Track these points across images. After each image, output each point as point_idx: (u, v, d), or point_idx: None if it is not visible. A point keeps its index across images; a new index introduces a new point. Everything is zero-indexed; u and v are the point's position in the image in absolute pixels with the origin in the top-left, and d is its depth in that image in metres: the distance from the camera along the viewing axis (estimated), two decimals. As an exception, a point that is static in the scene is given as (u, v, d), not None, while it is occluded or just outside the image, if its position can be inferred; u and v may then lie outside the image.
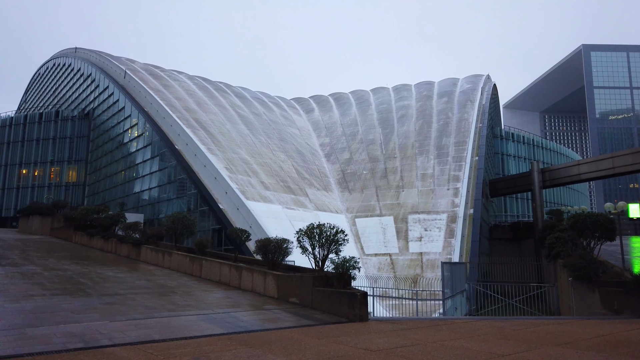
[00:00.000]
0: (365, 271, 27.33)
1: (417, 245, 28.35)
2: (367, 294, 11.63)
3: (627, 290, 13.47)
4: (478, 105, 49.05)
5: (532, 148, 65.95)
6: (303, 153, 42.61)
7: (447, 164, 37.01)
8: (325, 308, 11.84)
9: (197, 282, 15.65)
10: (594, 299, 14.61)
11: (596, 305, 14.52)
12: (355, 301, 11.10)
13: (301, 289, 12.78)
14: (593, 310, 14.64)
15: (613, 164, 31.13)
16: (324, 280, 12.60)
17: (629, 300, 13.44)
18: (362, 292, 11.43)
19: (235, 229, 18.67)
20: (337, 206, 34.16)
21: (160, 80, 47.98)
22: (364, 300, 11.21)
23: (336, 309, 11.57)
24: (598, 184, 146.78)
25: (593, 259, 15.14)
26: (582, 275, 14.87)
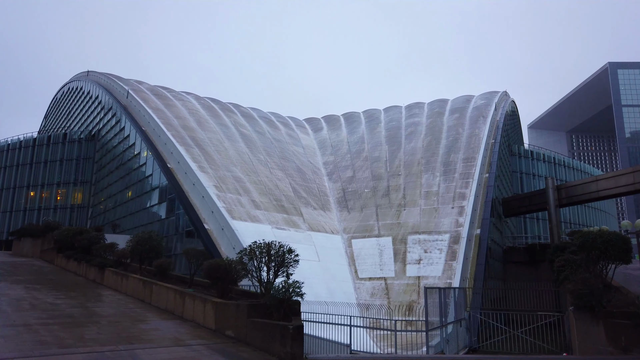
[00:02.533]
0: (357, 297, 25.08)
1: (415, 269, 25.96)
2: (301, 328, 9.57)
3: (636, 323, 11.01)
4: (491, 120, 46.61)
5: (553, 166, 62.59)
6: (304, 171, 40.90)
7: (453, 181, 34.63)
8: (259, 344, 9.85)
9: (140, 310, 13.89)
10: (598, 332, 12.14)
11: (601, 341, 12.03)
12: (286, 336, 9.07)
13: (237, 319, 10.82)
14: (597, 347, 12.14)
15: (634, 179, 28.21)
16: (263, 309, 10.62)
17: (638, 336, 10.96)
18: (296, 325, 9.40)
19: (188, 250, 16.86)
20: (333, 226, 32.10)
21: (163, 100, 47.45)
22: (298, 335, 9.18)
23: (268, 345, 9.57)
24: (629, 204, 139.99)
25: (597, 284, 12.69)
26: (584, 304, 12.45)
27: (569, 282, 14.38)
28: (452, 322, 19.82)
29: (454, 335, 19.78)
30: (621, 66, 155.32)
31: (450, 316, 21.38)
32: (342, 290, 24.95)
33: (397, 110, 63.28)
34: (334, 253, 28.40)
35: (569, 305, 13.54)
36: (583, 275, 13.57)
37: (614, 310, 11.96)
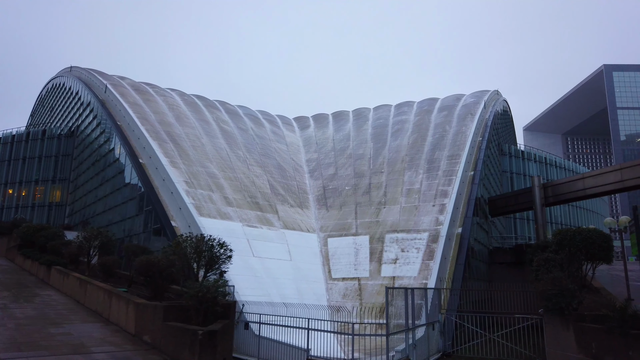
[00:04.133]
0: (328, 298, 23.76)
1: (391, 269, 24.67)
2: (215, 333, 8.27)
3: (608, 328, 9.73)
4: (479, 118, 45.38)
5: (544, 166, 61.49)
6: (284, 168, 39.59)
7: (436, 178, 33.39)
8: (172, 351, 8.53)
9: (67, 312, 12.56)
10: (568, 338, 10.86)
11: (571, 347, 10.75)
12: (195, 343, 7.76)
13: (154, 323, 9.50)
14: (567, 354, 10.86)
15: (622, 177, 27.02)
16: (183, 312, 9.28)
17: (610, 342, 9.67)
18: (209, 330, 8.09)
19: (128, 245, 15.52)
20: (310, 224, 30.79)
21: (143, 95, 46.09)
22: (209, 341, 7.89)
23: (180, 353, 8.25)
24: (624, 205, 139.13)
25: (567, 284, 11.42)
26: (553, 306, 11.18)
27: (539, 282, 13.13)
28: (422, 325, 18.52)
29: (425, 339, 18.47)
30: (616, 68, 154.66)
31: (423, 319, 20.11)
32: (312, 291, 23.65)
33: (386, 108, 62.04)
34: (308, 252, 27.10)
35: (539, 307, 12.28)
36: (554, 274, 12.30)
37: (585, 313, 10.69)
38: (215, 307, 9.19)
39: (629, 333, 9.07)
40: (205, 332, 7.88)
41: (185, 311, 9.16)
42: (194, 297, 9.04)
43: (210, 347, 7.83)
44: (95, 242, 17.62)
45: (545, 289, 11.42)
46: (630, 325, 9.22)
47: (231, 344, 9.57)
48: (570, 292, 10.94)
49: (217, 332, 8.18)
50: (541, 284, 12.09)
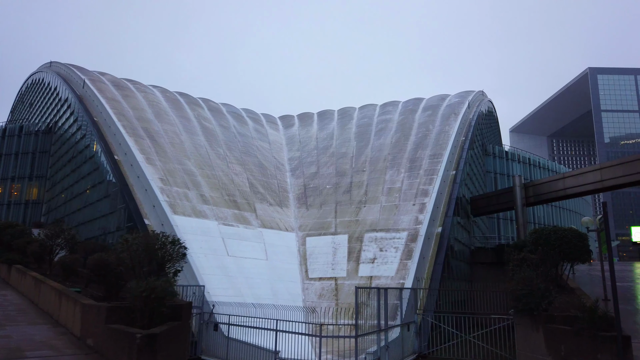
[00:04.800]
0: (304, 298, 23.23)
1: (369, 268, 24.22)
2: (155, 337, 7.68)
3: (577, 330, 9.33)
4: (462, 118, 45.23)
5: (528, 167, 61.70)
6: (265, 167, 38.97)
7: (417, 177, 33.04)
8: (111, 355, 7.94)
9: (16, 313, 11.89)
10: (537, 339, 10.45)
11: (540, 349, 10.34)
12: (132, 347, 7.17)
13: (97, 325, 8.88)
14: (536, 357, 10.46)
15: (601, 177, 26.93)
16: (127, 314, 8.67)
17: (579, 345, 9.27)
18: (148, 334, 7.51)
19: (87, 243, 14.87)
20: (289, 223, 30.23)
21: (122, 91, 45.12)
22: (147, 346, 7.30)
23: (119, 358, 7.66)
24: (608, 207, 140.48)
25: (537, 284, 11.03)
26: (523, 307, 10.77)
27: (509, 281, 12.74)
28: (396, 326, 18.08)
29: (399, 340, 18.03)
30: (601, 71, 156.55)
31: (398, 319, 19.69)
32: (288, 292, 23.11)
33: (371, 108, 61.68)
34: (285, 251, 26.55)
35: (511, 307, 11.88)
36: (525, 273, 11.90)
37: (555, 314, 10.29)
38: (161, 309, 8.58)
39: (597, 335, 8.68)
40: (144, 335, 7.29)
41: (131, 313, 8.57)
42: (137, 297, 8.45)
43: (149, 352, 7.24)
44: (58, 240, 16.88)
45: (516, 288, 11.03)
46: (599, 327, 8.84)
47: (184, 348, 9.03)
48: (541, 292, 10.54)
49: (157, 335, 7.58)
50: (512, 283, 11.69)
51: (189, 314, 9.78)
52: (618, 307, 8.28)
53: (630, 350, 8.28)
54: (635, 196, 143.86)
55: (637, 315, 16.40)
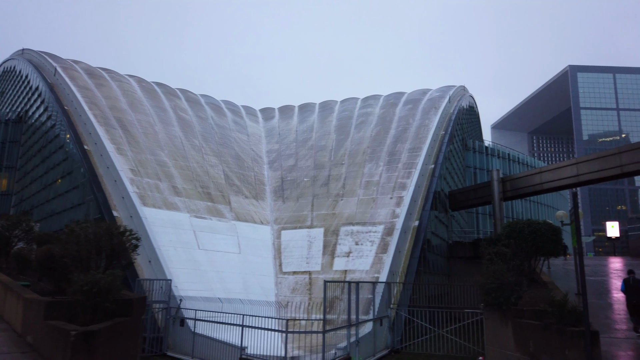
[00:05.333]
0: (276, 293, 22.71)
1: (343, 262, 23.81)
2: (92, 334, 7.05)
3: (545, 325, 8.99)
4: (442, 112, 45.08)
5: (507, 162, 62.04)
6: (243, 159, 38.23)
7: (396, 170, 32.72)
8: (47, 354, 7.31)
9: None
10: (506, 334, 10.10)
11: (509, 345, 10.00)
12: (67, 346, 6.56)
13: (37, 321, 8.22)
14: (505, 352, 10.12)
15: (577, 171, 26.95)
16: (69, 309, 8.02)
17: (548, 340, 8.94)
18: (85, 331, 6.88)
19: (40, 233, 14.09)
20: (264, 216, 29.63)
21: (95, 79, 43.75)
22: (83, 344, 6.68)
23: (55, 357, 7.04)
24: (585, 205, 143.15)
25: (507, 277, 10.68)
26: (492, 301, 10.41)
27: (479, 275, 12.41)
28: (367, 321, 17.71)
29: (371, 335, 17.66)
30: (581, 69, 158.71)
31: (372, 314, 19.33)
32: (260, 286, 22.56)
33: (353, 101, 61.20)
34: (259, 245, 25.97)
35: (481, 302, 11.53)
36: (495, 267, 11.57)
37: (524, 308, 9.95)
38: (105, 304, 7.95)
39: (565, 330, 8.35)
40: (80, 333, 6.68)
41: (73, 308, 7.93)
42: (79, 291, 7.82)
43: (85, 350, 6.63)
44: (16, 231, 16.03)
45: (485, 282, 10.68)
46: (567, 321, 8.52)
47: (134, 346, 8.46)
48: (510, 286, 10.20)
49: (95, 332, 6.96)
50: (482, 277, 11.35)
51: (141, 309, 9.16)
52: (587, 301, 7.94)
53: (598, 346, 7.96)
54: (611, 193, 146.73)
55: (609, 310, 16.28)
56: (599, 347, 8.04)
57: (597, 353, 7.85)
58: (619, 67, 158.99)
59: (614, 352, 9.88)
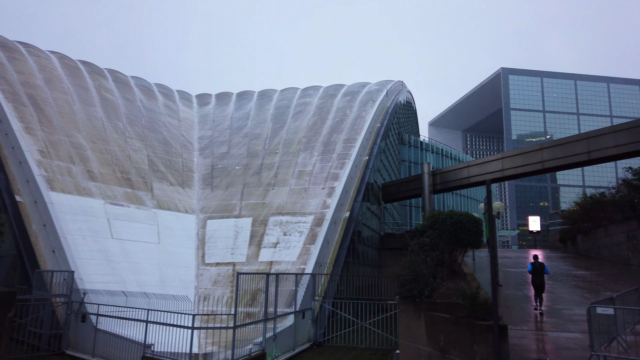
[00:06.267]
0: (197, 285, 21.45)
1: (270, 253, 22.95)
2: None
3: (456, 318, 8.62)
4: (379, 104, 45.26)
5: (441, 158, 63.84)
6: (171, 144, 36.20)
7: (330, 161, 32.24)
8: None
9: None
10: (419, 328, 9.67)
11: (421, 339, 9.58)
12: None
13: None
14: (418, 347, 9.70)
15: (502, 166, 27.74)
16: None
17: (458, 334, 8.57)
18: None
19: None
20: (190, 205, 28.10)
21: (9, 53, 39.63)
22: None
23: None
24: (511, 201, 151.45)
25: (423, 269, 10.28)
26: (406, 293, 9.94)
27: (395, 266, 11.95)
28: (285, 314, 17.00)
29: (292, 329, 16.96)
30: (512, 72, 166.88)
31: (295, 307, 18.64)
32: (179, 278, 21.21)
33: (292, 91, 60.22)
34: (182, 235, 24.51)
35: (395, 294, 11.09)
36: (410, 258, 11.17)
37: (437, 301, 9.56)
38: None
39: (474, 324, 7.99)
40: None
41: None
42: None
43: None
44: None
45: (401, 274, 10.23)
46: (478, 315, 8.18)
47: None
48: (425, 278, 9.80)
49: None
50: (398, 268, 10.91)
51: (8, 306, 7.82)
52: (497, 294, 7.59)
53: (506, 340, 7.66)
54: (535, 190, 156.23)
55: (525, 302, 16.58)
56: (507, 342, 7.74)
57: (505, 348, 7.53)
58: (546, 72, 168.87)
59: (525, 345, 9.75)
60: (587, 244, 37.12)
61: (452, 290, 10.14)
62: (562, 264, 30.44)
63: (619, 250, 30.82)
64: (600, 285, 20.22)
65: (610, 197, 36.53)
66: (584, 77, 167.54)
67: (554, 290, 19.07)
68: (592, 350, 7.44)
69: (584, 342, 8.69)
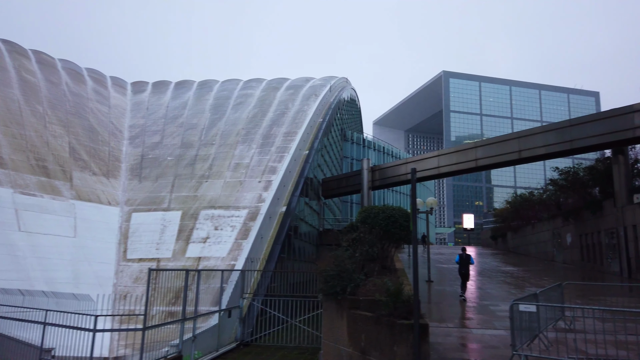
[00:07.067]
0: (116, 282, 19.83)
1: (199, 248, 21.69)
2: None
3: (377, 317, 8.04)
4: (322, 99, 44.81)
5: (382, 155, 64.47)
6: (98, 132, 33.73)
7: (268, 154, 31.26)
8: None
9: None
10: (341, 328, 9.02)
11: (343, 339, 8.95)
12: None
13: None
14: (339, 348, 9.07)
15: (438, 163, 28.02)
16: None
17: (379, 334, 7.99)
18: None
19: None
20: (114, 196, 26.14)
21: None
22: None
23: None
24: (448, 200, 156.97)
25: (346, 265, 9.66)
26: (329, 290, 9.25)
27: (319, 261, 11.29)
28: (210, 313, 15.96)
29: (216, 329, 15.92)
30: (453, 75, 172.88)
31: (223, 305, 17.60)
32: (95, 275, 19.50)
33: (235, 82, 58.54)
34: (103, 228, 22.67)
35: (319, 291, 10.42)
36: (335, 252, 10.54)
37: (360, 298, 8.95)
38: None
39: (395, 323, 7.45)
40: None
41: None
42: None
43: None
44: None
45: (324, 269, 9.56)
46: (400, 313, 7.65)
47: None
48: (349, 274, 9.19)
49: None
50: (322, 264, 10.26)
51: None
52: (418, 291, 7.06)
53: (426, 340, 7.16)
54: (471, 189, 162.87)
55: (455, 298, 16.51)
56: (428, 342, 7.24)
57: (425, 349, 7.03)
58: (484, 77, 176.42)
59: (449, 343, 9.37)
60: (516, 241, 38.58)
61: (378, 287, 9.58)
62: (492, 260, 31.33)
63: (545, 247, 32.15)
64: (526, 281, 20.71)
65: (538, 197, 38.17)
66: (519, 83, 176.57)
67: (482, 286, 19.27)
68: (514, 350, 7.10)
69: (508, 339, 8.41)
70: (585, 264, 26.26)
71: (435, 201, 21.06)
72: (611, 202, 23.46)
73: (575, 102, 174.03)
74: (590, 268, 25.55)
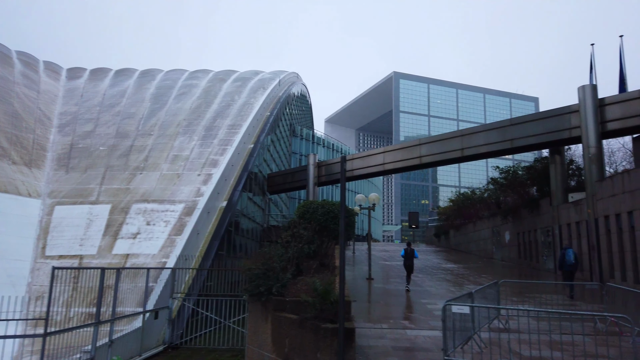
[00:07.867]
0: (31, 282, 17.99)
1: (128, 245, 20.14)
2: None
3: (301, 320, 7.27)
4: (270, 93, 43.73)
5: (331, 152, 64.21)
6: (23, 118, 30.99)
7: (210, 146, 29.89)
8: None
9: None
10: (266, 331, 8.19)
11: (267, 343, 8.12)
12: None
13: None
14: (263, 354, 8.23)
15: (384, 160, 27.79)
16: None
17: (303, 339, 7.22)
18: None
19: None
20: (35, 188, 23.95)
21: None
22: None
23: None
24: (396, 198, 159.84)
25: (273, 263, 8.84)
26: (253, 290, 8.38)
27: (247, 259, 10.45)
28: (132, 314, 14.67)
29: (139, 332, 14.65)
30: (403, 77, 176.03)
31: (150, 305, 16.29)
32: (6, 273, 17.60)
33: (180, 72, 56.13)
34: (19, 222, 20.60)
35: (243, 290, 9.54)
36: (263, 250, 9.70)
37: (287, 299, 8.15)
38: None
39: (320, 327, 6.73)
40: None
41: None
42: None
43: None
44: None
45: (250, 267, 8.70)
46: (326, 316, 6.95)
47: None
48: (276, 273, 8.38)
49: None
50: (248, 262, 9.39)
51: None
52: (344, 292, 6.35)
53: (352, 346, 6.49)
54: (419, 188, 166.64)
55: (394, 296, 16.10)
56: (354, 348, 6.57)
57: (350, 355, 6.34)
58: (433, 79, 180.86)
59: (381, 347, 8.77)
60: (458, 238, 39.26)
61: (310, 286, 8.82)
62: (434, 257, 31.60)
63: (485, 245, 32.82)
64: (465, 279, 20.76)
65: (479, 195, 39.03)
66: (465, 86, 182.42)
67: (422, 283, 19.07)
68: (445, 355, 6.55)
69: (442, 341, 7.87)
70: (523, 262, 26.89)
71: (378, 197, 20.68)
72: (547, 201, 24.06)
73: (516, 106, 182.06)
74: (527, 265, 26.17)
